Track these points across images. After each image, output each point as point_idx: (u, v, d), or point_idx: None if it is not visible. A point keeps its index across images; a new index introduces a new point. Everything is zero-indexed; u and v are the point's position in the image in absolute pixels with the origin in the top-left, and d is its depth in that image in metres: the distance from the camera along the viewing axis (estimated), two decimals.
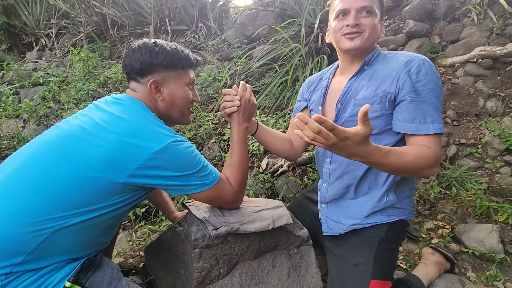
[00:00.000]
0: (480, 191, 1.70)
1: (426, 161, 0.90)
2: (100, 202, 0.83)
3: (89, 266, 0.88)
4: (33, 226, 0.78)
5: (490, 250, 1.40)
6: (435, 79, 0.96)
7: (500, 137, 1.91)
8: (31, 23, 4.36)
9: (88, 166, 0.80)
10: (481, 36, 2.45)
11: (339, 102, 1.10)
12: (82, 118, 0.90)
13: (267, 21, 3.08)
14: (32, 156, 0.84)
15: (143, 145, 0.82)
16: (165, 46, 0.98)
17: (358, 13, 1.01)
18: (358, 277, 1.05)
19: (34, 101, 2.95)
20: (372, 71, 1.06)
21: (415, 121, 0.95)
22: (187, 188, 0.91)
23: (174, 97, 1.01)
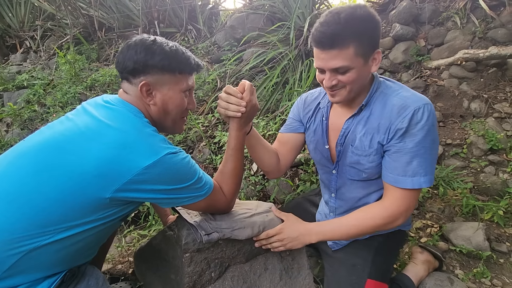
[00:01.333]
0: (466, 190, 1.74)
1: (373, 220, 0.96)
2: (84, 217, 0.76)
3: (70, 278, 0.82)
4: (9, 244, 0.72)
5: (477, 248, 1.43)
6: (427, 128, 0.89)
7: (484, 137, 1.97)
8: (15, 25, 4.25)
9: (70, 180, 0.73)
10: (464, 40, 2.52)
11: (339, 144, 1.07)
12: (68, 124, 0.82)
13: (257, 24, 3.10)
14: (10, 166, 0.78)
15: (133, 158, 0.75)
16: (164, 45, 0.87)
17: (333, 72, 0.91)
18: (355, 276, 1.06)
19: (18, 104, 2.87)
20: (369, 113, 0.99)
21: (394, 172, 0.94)
22: (180, 201, 0.87)
23: (167, 103, 0.90)
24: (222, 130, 2.25)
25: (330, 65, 0.89)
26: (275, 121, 2.18)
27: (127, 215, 0.91)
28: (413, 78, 2.54)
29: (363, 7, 0.87)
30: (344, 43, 0.85)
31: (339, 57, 0.87)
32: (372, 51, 0.90)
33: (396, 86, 0.99)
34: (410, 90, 0.97)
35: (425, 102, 0.91)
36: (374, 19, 0.87)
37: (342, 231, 1.01)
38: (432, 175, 0.93)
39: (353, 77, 0.90)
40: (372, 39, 0.89)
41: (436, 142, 0.94)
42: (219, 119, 2.42)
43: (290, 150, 1.22)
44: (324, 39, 0.86)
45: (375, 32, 0.89)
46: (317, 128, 1.15)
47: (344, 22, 0.84)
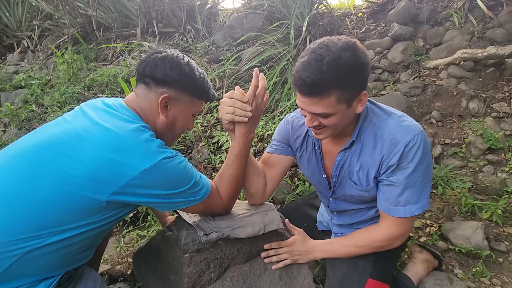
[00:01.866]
0: (465, 189, 1.74)
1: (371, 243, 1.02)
2: (80, 220, 0.76)
3: (67, 281, 0.81)
4: (4, 247, 0.71)
5: (476, 247, 1.43)
6: (417, 160, 0.89)
7: (483, 136, 1.97)
8: (13, 24, 4.23)
9: (65, 182, 0.72)
10: (462, 40, 2.53)
11: (334, 176, 1.07)
12: (65, 126, 0.82)
13: (256, 24, 3.10)
14: (5, 168, 0.77)
15: (129, 162, 0.74)
16: (195, 70, 0.93)
17: (314, 115, 0.88)
18: (356, 275, 1.07)
19: (15, 104, 2.86)
20: (360, 146, 0.98)
21: (386, 202, 0.97)
22: (175, 205, 0.87)
23: (176, 120, 0.94)
24: (221, 130, 2.25)
25: (311, 110, 0.86)
26: (274, 121, 2.18)
27: (123, 217, 0.90)
28: (411, 78, 2.55)
29: (351, 49, 0.80)
30: (325, 92, 0.81)
31: (320, 104, 0.83)
32: (358, 94, 0.86)
33: (384, 114, 0.96)
34: (398, 116, 0.95)
35: (415, 132, 0.90)
36: (361, 62, 0.81)
37: (343, 251, 1.08)
38: (425, 199, 0.95)
39: (334, 121, 0.87)
40: (357, 84, 0.84)
41: (429, 166, 0.94)
42: (218, 119, 2.41)
43: (277, 173, 1.15)
44: (304, 88, 0.81)
45: (361, 76, 0.84)
46: (310, 157, 1.12)
47: (326, 70, 0.78)
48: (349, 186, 1.05)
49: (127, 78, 2.77)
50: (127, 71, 2.85)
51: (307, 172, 1.17)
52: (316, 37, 2.70)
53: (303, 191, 1.76)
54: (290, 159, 1.17)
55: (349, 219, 1.17)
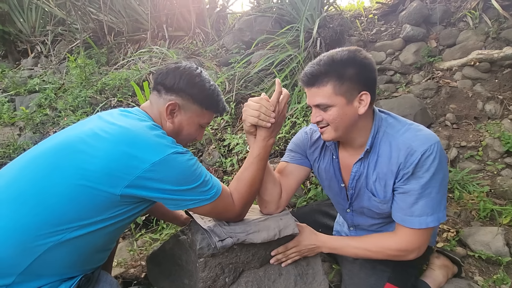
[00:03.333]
0: (483, 193, 1.69)
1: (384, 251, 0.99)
2: (96, 215, 0.78)
3: (86, 284, 0.84)
4: (24, 244, 0.73)
5: (496, 253, 1.39)
6: (433, 170, 0.89)
7: (500, 139, 1.92)
8: (26, 30, 4.34)
9: (82, 177, 0.75)
10: (477, 40, 2.48)
11: (351, 188, 1.07)
12: (80, 128, 0.86)
13: (265, 27, 3.10)
14: (25, 169, 0.80)
15: (141, 155, 0.77)
16: (205, 82, 0.96)
17: (317, 108, 0.94)
18: (374, 278, 1.05)
19: (30, 108, 2.91)
20: (376, 157, 0.98)
21: (401, 212, 0.95)
22: (185, 203, 0.86)
23: (182, 128, 0.97)
24: (232, 133, 2.25)
25: (311, 101, 0.94)
26: (285, 124, 2.16)
27: (137, 216, 0.92)
28: (424, 80, 2.51)
29: (348, 49, 0.90)
30: (322, 82, 0.90)
31: (318, 94, 0.92)
32: (357, 92, 0.91)
33: (398, 124, 0.97)
34: (414, 127, 0.95)
35: (432, 142, 0.90)
36: (358, 61, 0.89)
37: (352, 251, 1.05)
38: (441, 212, 0.92)
39: (334, 115, 0.92)
40: (354, 81, 0.90)
41: (445, 178, 0.93)
42: (228, 122, 2.41)
43: (293, 183, 1.15)
44: (305, 78, 0.93)
45: (360, 74, 0.90)
46: (328, 166, 1.12)
47: (323, 63, 0.90)
48: (366, 197, 1.04)
49: (138, 81, 2.80)
50: (138, 74, 2.88)
51: (325, 182, 1.16)
52: (327, 39, 2.69)
53: (315, 195, 1.74)
54: (306, 170, 1.17)
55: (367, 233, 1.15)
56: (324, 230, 1.34)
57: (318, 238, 1.10)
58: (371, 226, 1.13)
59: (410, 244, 0.96)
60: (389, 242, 0.99)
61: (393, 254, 0.99)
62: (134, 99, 2.77)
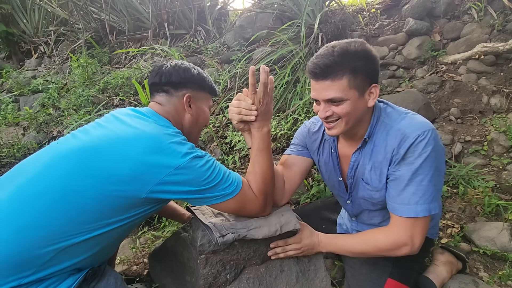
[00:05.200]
0: (488, 188, 1.67)
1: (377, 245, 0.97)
2: (119, 215, 0.82)
3: (92, 277, 0.87)
4: (48, 241, 0.76)
5: (502, 249, 1.37)
6: (425, 156, 0.87)
7: (506, 133, 1.89)
8: (30, 31, 4.37)
9: (109, 181, 0.79)
10: (482, 33, 2.44)
11: (349, 177, 1.07)
12: (102, 130, 0.88)
13: (266, 23, 3.08)
14: (49, 167, 0.82)
15: (165, 161, 0.82)
16: (199, 70, 1.06)
17: (327, 103, 0.91)
18: (376, 273, 1.05)
19: (33, 108, 2.94)
20: (372, 146, 0.99)
21: (391, 200, 0.94)
22: (209, 200, 0.90)
23: (200, 115, 1.06)
24: (233, 131, 2.24)
25: (324, 95, 0.89)
26: (287, 120, 2.15)
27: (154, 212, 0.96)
28: (428, 74, 2.47)
29: (358, 42, 0.88)
30: (337, 74, 0.86)
31: (332, 88, 0.87)
32: (368, 85, 0.90)
33: (395, 114, 0.97)
34: (410, 115, 0.95)
35: (426, 128, 0.89)
36: (369, 54, 0.88)
37: (347, 249, 1.05)
38: (434, 203, 0.89)
39: (347, 109, 0.90)
40: (367, 74, 0.89)
41: (439, 169, 0.90)
42: (230, 120, 2.40)
43: (296, 174, 1.15)
44: (318, 70, 0.87)
45: (370, 66, 0.89)
46: (327, 160, 1.13)
47: (337, 54, 0.85)
48: (362, 187, 1.05)
49: (140, 80, 2.81)
50: (140, 73, 2.88)
51: (325, 175, 1.18)
52: (328, 35, 2.66)
53: (318, 192, 1.73)
54: (308, 161, 1.18)
55: (367, 227, 1.15)
56: (328, 225, 1.33)
57: (317, 237, 1.09)
58: (371, 218, 1.12)
59: (401, 236, 0.92)
60: (380, 236, 0.98)
61: (384, 248, 0.96)
62: (136, 98, 2.78)
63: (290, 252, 1.07)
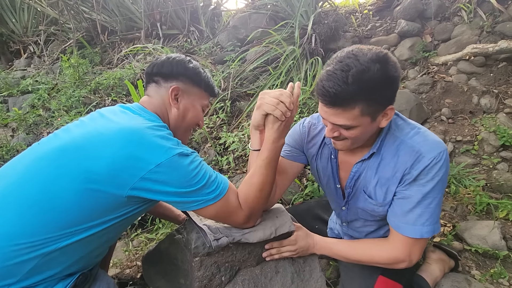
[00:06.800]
0: (479, 187, 1.70)
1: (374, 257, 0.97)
2: (103, 216, 0.78)
3: (83, 282, 0.84)
4: (31, 247, 0.73)
5: (493, 247, 1.39)
6: (438, 179, 0.85)
7: (496, 133, 1.93)
8: (19, 30, 4.28)
9: (89, 180, 0.74)
10: (472, 34, 2.48)
11: (348, 186, 1.03)
12: (84, 128, 0.84)
13: (260, 24, 3.08)
14: (29, 171, 0.78)
15: (146, 157, 0.76)
16: (197, 66, 1.02)
17: (335, 126, 0.84)
18: (368, 271, 1.04)
19: (23, 109, 2.88)
20: (379, 159, 0.93)
21: (396, 218, 0.92)
22: (188, 205, 0.84)
23: (187, 111, 1.00)
24: (227, 131, 2.23)
25: (332, 120, 0.83)
26: None
27: (142, 213, 0.92)
28: (420, 75, 2.50)
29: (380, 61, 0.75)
30: (349, 104, 0.77)
31: (343, 115, 0.80)
32: (383, 109, 0.82)
33: (407, 127, 0.92)
34: (423, 132, 0.90)
35: (441, 149, 0.85)
36: (389, 76, 0.76)
37: (342, 255, 1.04)
38: (436, 224, 0.89)
39: (356, 133, 0.84)
40: (384, 98, 0.80)
41: (443, 191, 0.90)
42: (224, 120, 2.40)
43: (286, 178, 1.11)
44: (327, 97, 0.78)
45: (389, 90, 0.79)
46: (326, 165, 1.08)
47: (352, 82, 0.74)
48: (362, 199, 1.01)
49: (133, 80, 2.78)
50: (132, 73, 2.85)
51: (323, 180, 1.13)
52: (321, 35, 2.67)
53: (312, 192, 1.74)
54: (301, 166, 1.14)
55: (359, 234, 1.14)
56: (321, 225, 1.34)
57: (312, 238, 1.09)
58: (365, 226, 1.11)
59: (400, 253, 0.92)
60: (378, 249, 0.97)
61: (381, 261, 0.96)
62: (128, 98, 2.74)
63: (285, 253, 1.07)
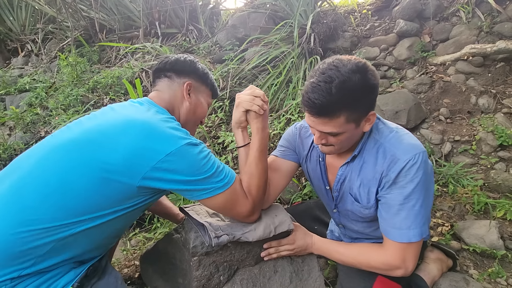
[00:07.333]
0: (477, 187, 1.70)
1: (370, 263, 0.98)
2: (116, 205, 0.82)
3: (93, 273, 0.87)
4: (47, 232, 0.77)
5: (491, 247, 1.39)
6: (417, 181, 0.87)
7: (494, 133, 1.93)
8: (16, 28, 4.25)
9: (104, 170, 0.78)
10: (470, 35, 2.49)
11: (335, 190, 1.07)
12: (95, 121, 0.88)
13: (259, 23, 3.07)
14: (45, 160, 0.82)
15: (157, 147, 0.80)
16: (206, 67, 1.11)
17: (322, 133, 0.89)
18: (367, 272, 1.04)
19: (20, 108, 2.86)
20: (362, 162, 0.98)
21: (383, 223, 0.94)
22: (199, 194, 0.86)
23: (198, 106, 1.07)
24: (226, 131, 2.23)
25: (320, 129, 0.87)
26: (280, 120, 2.15)
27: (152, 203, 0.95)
28: (418, 75, 2.51)
29: (360, 71, 0.80)
30: (334, 113, 0.82)
31: (329, 124, 0.85)
32: (366, 114, 0.87)
33: (386, 130, 0.96)
34: (400, 134, 0.93)
35: (417, 151, 0.88)
36: (370, 84, 0.82)
37: (339, 257, 1.05)
38: (424, 226, 0.90)
39: (342, 139, 0.89)
40: (366, 105, 0.85)
41: (429, 190, 0.91)
42: (223, 119, 2.39)
43: (280, 178, 1.13)
44: (313, 109, 0.83)
45: (369, 98, 0.85)
46: (315, 168, 1.12)
47: (336, 92, 0.78)
48: (350, 201, 1.04)
49: (131, 79, 2.76)
50: (131, 72, 2.84)
51: (313, 182, 1.17)
52: (320, 35, 2.67)
53: (310, 191, 1.74)
54: (295, 165, 1.16)
55: (355, 234, 1.16)
56: (321, 226, 1.34)
57: (311, 238, 1.09)
58: (358, 227, 1.12)
59: (394, 259, 0.93)
60: (373, 255, 0.98)
61: (377, 267, 0.97)
62: (126, 98, 2.73)
63: (283, 252, 1.07)
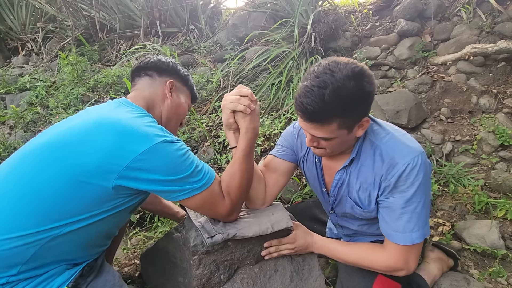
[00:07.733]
0: (477, 187, 1.70)
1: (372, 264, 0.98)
2: (93, 209, 0.78)
3: (89, 272, 0.86)
4: (24, 239, 0.74)
5: (492, 246, 1.39)
6: (418, 184, 0.86)
7: (495, 133, 1.93)
8: (17, 27, 4.25)
9: (75, 172, 0.75)
10: (471, 34, 2.48)
11: (332, 195, 1.06)
12: (69, 124, 0.85)
13: (259, 22, 3.07)
14: (18, 167, 0.80)
15: (130, 145, 0.76)
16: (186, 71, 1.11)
17: (314, 137, 0.88)
18: (366, 271, 1.05)
19: (20, 107, 2.86)
20: (359, 165, 0.96)
21: (386, 227, 0.94)
22: (176, 194, 0.83)
23: (179, 105, 1.05)
24: None
25: (312, 133, 0.86)
26: (280, 120, 2.15)
27: (135, 207, 0.92)
28: (419, 74, 2.50)
29: (356, 78, 0.77)
30: (326, 120, 0.81)
31: (321, 129, 0.83)
32: (359, 121, 0.85)
33: (382, 132, 0.94)
34: (397, 136, 0.92)
35: (415, 154, 0.87)
36: (365, 92, 0.79)
37: (341, 256, 1.05)
38: (426, 226, 0.90)
39: (334, 144, 0.89)
40: (360, 112, 0.84)
41: (428, 193, 0.91)
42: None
43: (280, 177, 1.13)
44: (306, 115, 0.81)
45: (363, 105, 0.83)
46: (311, 168, 1.11)
47: (328, 99, 0.76)
48: (349, 205, 1.03)
49: None
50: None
51: (310, 182, 1.17)
52: (321, 35, 2.67)
53: (311, 190, 1.74)
54: (293, 165, 1.15)
55: (353, 232, 1.16)
56: (320, 226, 1.33)
57: (311, 238, 1.09)
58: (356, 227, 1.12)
59: (397, 261, 0.93)
60: (377, 257, 0.98)
61: (379, 268, 0.98)
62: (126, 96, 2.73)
63: (284, 251, 1.07)
